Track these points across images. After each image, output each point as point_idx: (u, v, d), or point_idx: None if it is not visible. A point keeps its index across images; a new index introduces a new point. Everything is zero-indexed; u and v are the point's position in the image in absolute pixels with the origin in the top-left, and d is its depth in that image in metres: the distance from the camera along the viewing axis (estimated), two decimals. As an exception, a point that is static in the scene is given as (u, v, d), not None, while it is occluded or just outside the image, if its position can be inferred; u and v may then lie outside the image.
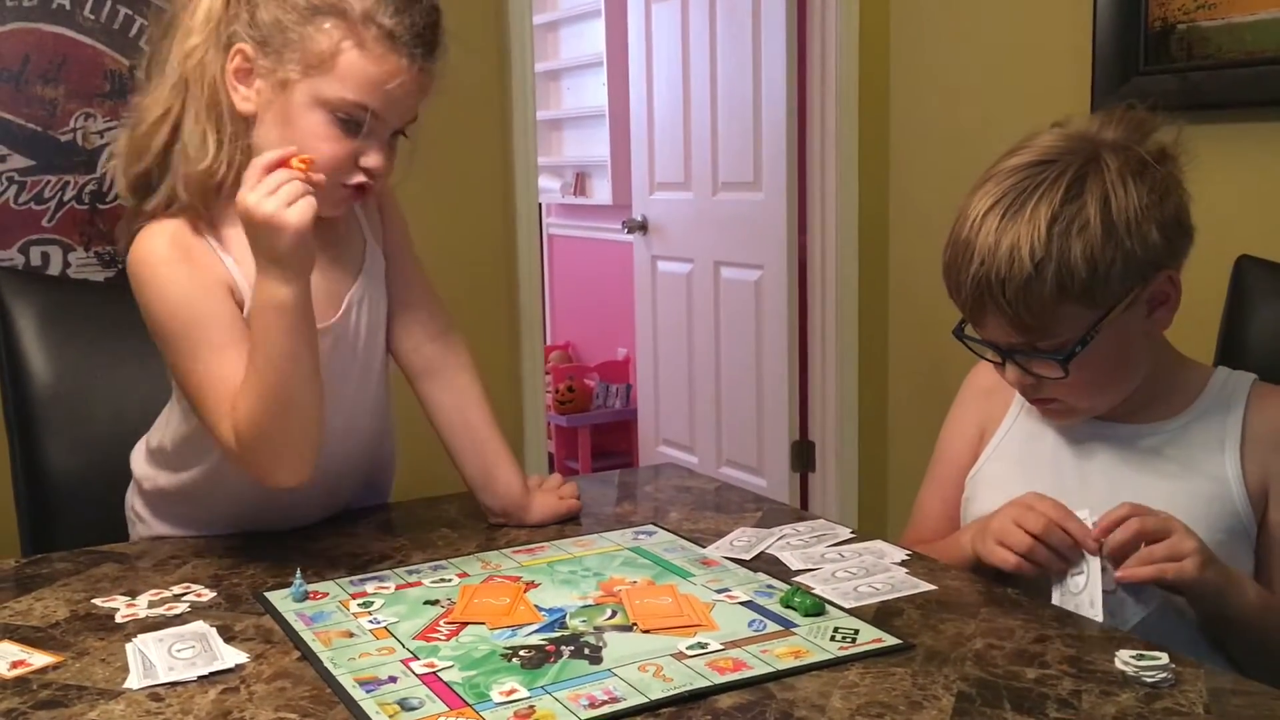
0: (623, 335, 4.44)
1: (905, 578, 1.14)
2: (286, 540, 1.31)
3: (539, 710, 0.87)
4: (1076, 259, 1.12)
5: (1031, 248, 1.12)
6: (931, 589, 1.12)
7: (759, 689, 0.91)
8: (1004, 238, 1.14)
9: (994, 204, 1.16)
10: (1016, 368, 1.21)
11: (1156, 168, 1.16)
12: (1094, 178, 1.14)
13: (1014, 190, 1.16)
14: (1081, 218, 1.13)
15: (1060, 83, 2.39)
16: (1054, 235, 1.12)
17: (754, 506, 1.42)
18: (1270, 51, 1.99)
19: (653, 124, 3.73)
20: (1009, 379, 1.23)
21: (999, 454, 1.33)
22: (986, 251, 1.15)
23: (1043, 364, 1.19)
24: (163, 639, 1.01)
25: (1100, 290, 1.14)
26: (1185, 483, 1.19)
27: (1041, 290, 1.13)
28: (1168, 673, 0.91)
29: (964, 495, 1.35)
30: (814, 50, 3.01)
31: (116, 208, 2.32)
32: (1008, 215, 1.15)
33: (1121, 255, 1.13)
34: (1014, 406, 1.34)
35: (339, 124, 1.17)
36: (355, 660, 0.97)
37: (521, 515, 1.35)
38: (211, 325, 1.18)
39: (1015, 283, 1.13)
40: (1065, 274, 1.12)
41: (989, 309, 1.17)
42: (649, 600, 1.09)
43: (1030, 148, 1.19)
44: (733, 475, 3.37)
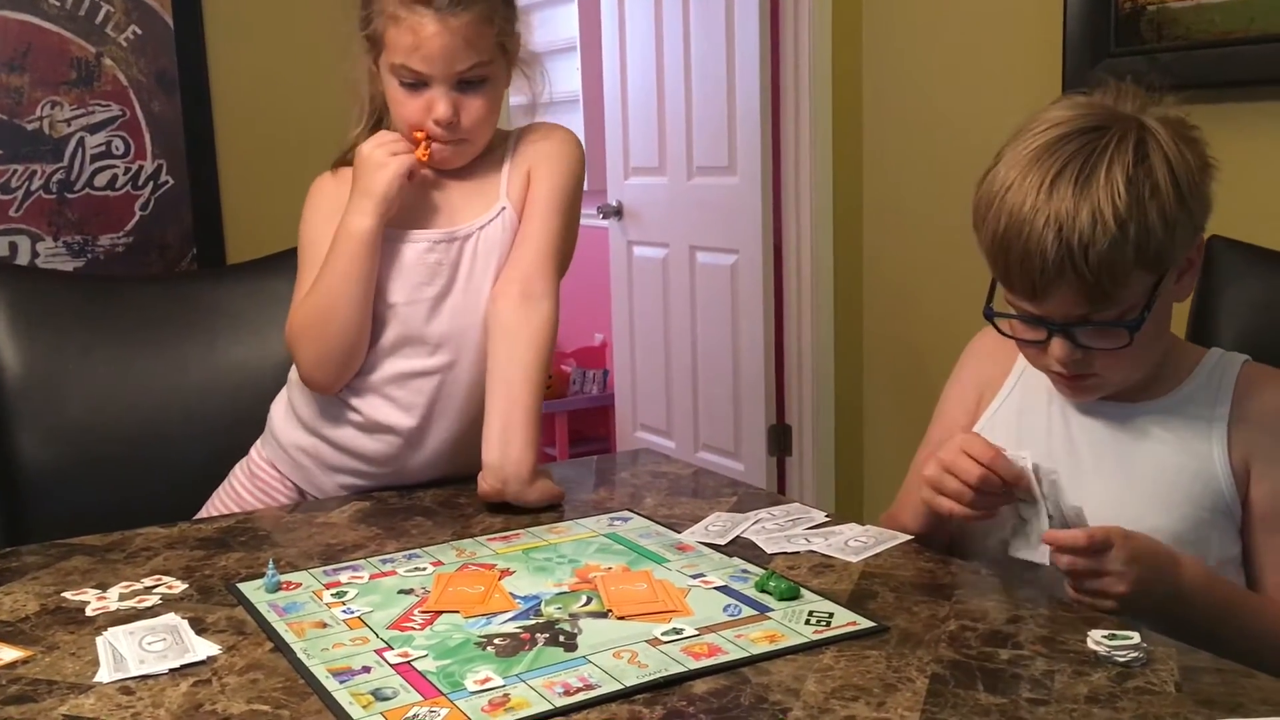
0: (599, 321, 4.43)
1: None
2: (259, 531, 1.30)
3: (513, 699, 0.87)
4: (1155, 220, 1.12)
5: (1115, 210, 1.11)
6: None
7: (734, 674, 0.91)
8: (1083, 203, 1.13)
9: (1059, 172, 1.15)
10: (1066, 344, 1.17)
11: (1195, 130, 1.19)
12: (1153, 142, 1.15)
13: (1078, 157, 1.15)
14: (1153, 179, 1.13)
15: (1031, 65, 2.40)
16: (1134, 197, 1.12)
17: (729, 491, 1.42)
18: (1239, 32, 2.00)
19: (627, 109, 3.72)
20: (1055, 357, 1.18)
21: (994, 422, 1.32)
22: (1065, 218, 1.13)
23: (1102, 335, 1.17)
24: (133, 632, 1.00)
25: (1167, 253, 1.15)
26: (1171, 459, 1.20)
27: (1124, 254, 1.12)
28: (1140, 652, 0.92)
29: None
30: (787, 34, 3.01)
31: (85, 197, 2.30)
32: (1080, 182, 1.14)
33: (1187, 217, 1.15)
34: (1012, 376, 1.33)
35: (405, 87, 1.38)
36: (328, 651, 0.96)
37: (520, 491, 1.33)
38: (321, 247, 1.41)
39: (1099, 247, 1.11)
40: (1144, 236, 1.12)
41: (1066, 278, 1.14)
42: (624, 586, 1.09)
43: (1063, 121, 1.18)
44: (710, 460, 3.37)
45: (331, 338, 1.39)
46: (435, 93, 1.37)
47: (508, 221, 1.44)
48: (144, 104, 2.36)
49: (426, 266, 1.42)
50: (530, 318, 1.39)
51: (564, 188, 1.46)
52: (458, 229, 1.43)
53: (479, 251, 1.43)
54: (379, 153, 1.38)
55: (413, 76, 1.37)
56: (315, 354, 1.40)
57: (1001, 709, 0.85)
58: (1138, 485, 1.19)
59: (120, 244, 2.36)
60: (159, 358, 1.69)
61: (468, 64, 1.37)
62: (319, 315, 1.39)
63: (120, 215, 2.36)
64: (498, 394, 1.36)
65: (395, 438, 1.43)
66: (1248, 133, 2.03)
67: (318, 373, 1.41)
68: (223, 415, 1.56)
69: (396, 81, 1.38)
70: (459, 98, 1.38)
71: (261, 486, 1.49)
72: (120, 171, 2.35)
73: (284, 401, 1.51)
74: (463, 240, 1.43)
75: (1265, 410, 1.19)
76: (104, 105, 2.32)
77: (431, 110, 1.38)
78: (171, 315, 1.75)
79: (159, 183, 2.38)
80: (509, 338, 1.38)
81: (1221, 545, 1.18)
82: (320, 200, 1.47)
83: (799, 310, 3.10)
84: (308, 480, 1.47)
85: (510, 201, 1.45)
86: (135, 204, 2.37)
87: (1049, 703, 0.85)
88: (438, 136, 1.39)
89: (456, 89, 1.38)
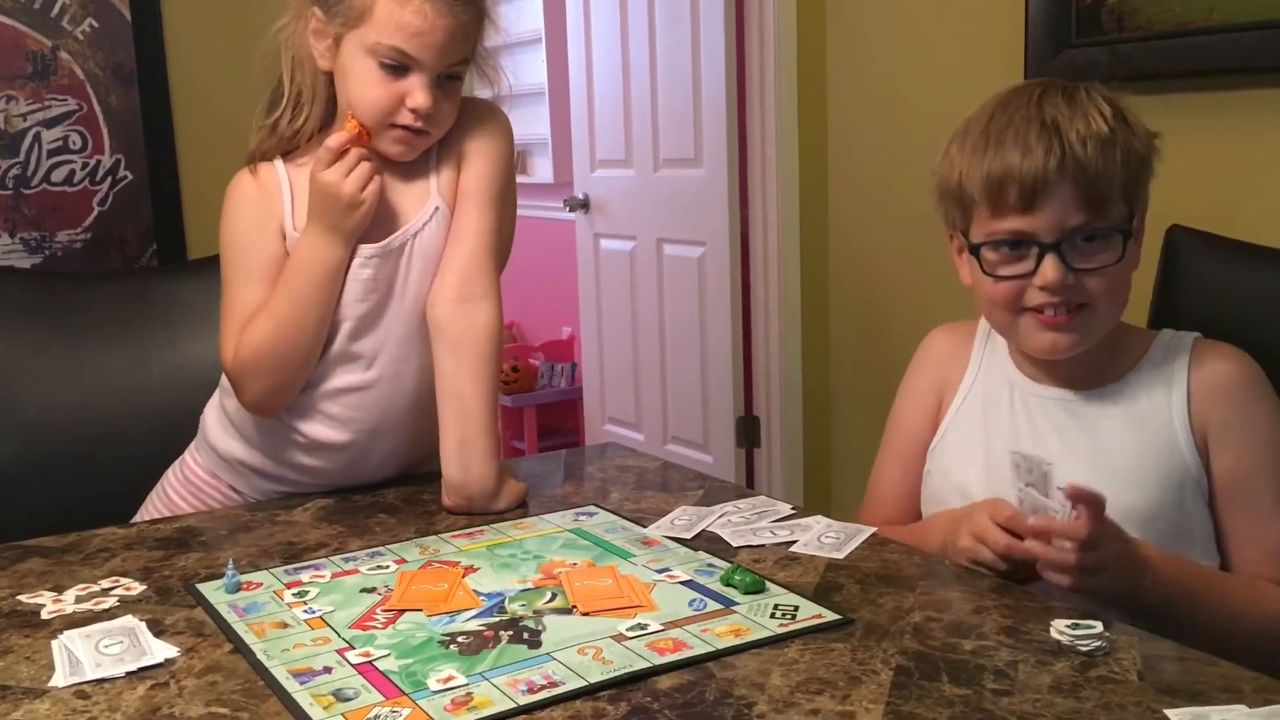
0: (567, 314, 4.42)
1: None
2: (219, 530, 1.28)
3: (476, 697, 0.86)
4: (1135, 143, 1.19)
5: (1104, 120, 1.17)
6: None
7: (699, 669, 0.91)
8: (1075, 112, 1.18)
9: (1043, 93, 1.21)
10: (1059, 264, 1.17)
11: None
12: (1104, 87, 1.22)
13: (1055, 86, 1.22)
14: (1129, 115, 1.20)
15: (994, 56, 2.40)
16: (1117, 117, 1.18)
17: (696, 485, 1.41)
18: (1199, 22, 2.01)
19: (593, 101, 3.70)
20: (1047, 279, 1.17)
21: (957, 422, 1.33)
22: (1062, 121, 1.17)
23: (1093, 253, 1.18)
24: (90, 635, 0.98)
25: (1142, 183, 1.20)
26: (1135, 439, 1.21)
27: (1114, 161, 1.16)
28: (1102, 641, 0.92)
29: (925, 468, 1.35)
30: (752, 26, 3.00)
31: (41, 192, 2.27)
32: (1065, 98, 1.20)
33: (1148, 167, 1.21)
34: (969, 373, 1.34)
35: (384, 69, 1.30)
36: (289, 651, 0.95)
37: (487, 504, 1.31)
38: (255, 257, 1.35)
39: (1098, 140, 1.16)
40: (1128, 152, 1.18)
41: (1064, 180, 1.16)
42: (589, 582, 1.08)
43: None
44: (679, 452, 3.37)
45: (289, 369, 1.33)
46: (416, 81, 1.30)
47: (443, 221, 1.37)
48: (101, 98, 2.32)
49: (360, 282, 1.34)
50: (474, 322, 1.33)
51: (495, 177, 1.39)
52: (392, 240, 1.35)
53: (414, 258, 1.36)
54: (350, 189, 1.29)
55: (400, 59, 1.29)
56: (270, 386, 1.33)
57: (965, 700, 0.85)
58: (1106, 468, 1.20)
59: (78, 240, 2.33)
60: (118, 355, 1.67)
61: (457, 58, 1.33)
62: (277, 347, 1.32)
63: (78, 211, 2.33)
64: (450, 408, 1.31)
65: (336, 454, 1.39)
66: (1209, 122, 2.04)
67: (270, 402, 1.35)
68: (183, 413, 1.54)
69: (374, 63, 1.29)
70: (437, 91, 1.32)
71: (197, 494, 1.45)
72: (78, 166, 2.32)
73: (217, 408, 1.45)
74: (398, 251, 1.35)
75: (1218, 382, 1.21)
76: (60, 99, 2.29)
77: (408, 98, 1.30)
78: (130, 312, 1.72)
79: (117, 178, 2.35)
80: (454, 347, 1.33)
81: (1194, 522, 1.19)
82: (244, 206, 1.38)
83: (766, 302, 3.10)
84: (249, 486, 1.43)
85: (443, 199, 1.38)
86: (93, 199, 2.34)
87: (1012, 693, 0.85)
88: (407, 125, 1.32)
89: (436, 82, 1.32)
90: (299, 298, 1.32)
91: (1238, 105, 2.01)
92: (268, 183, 1.38)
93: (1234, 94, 2.01)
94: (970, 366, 1.34)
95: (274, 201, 1.37)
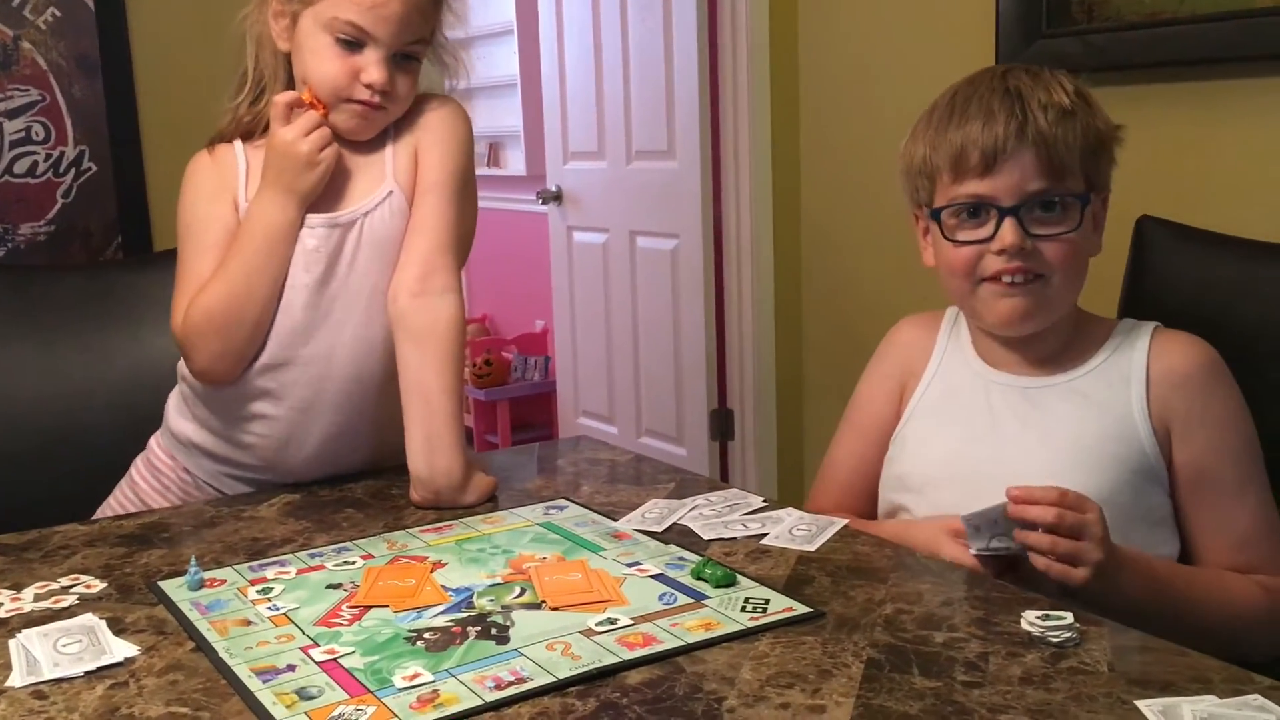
0: (540, 307, 4.40)
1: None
2: (182, 526, 1.26)
3: (443, 694, 0.85)
4: (1094, 121, 1.22)
5: (1064, 94, 1.21)
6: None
7: (669, 663, 0.90)
8: (1036, 83, 1.21)
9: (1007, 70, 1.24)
10: (1017, 227, 1.19)
11: None
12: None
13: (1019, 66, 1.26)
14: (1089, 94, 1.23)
15: (965, 46, 2.40)
16: (1078, 94, 1.22)
17: (668, 478, 1.40)
18: (1169, 13, 2.01)
19: (565, 93, 3.68)
20: (1004, 243, 1.19)
21: (920, 410, 1.34)
22: (1025, 88, 1.21)
23: (1051, 220, 1.21)
24: (48, 634, 0.96)
25: (1103, 161, 1.23)
26: (1093, 424, 1.22)
27: (1074, 131, 1.19)
28: (1072, 632, 0.92)
29: (887, 455, 1.35)
30: (724, 17, 2.99)
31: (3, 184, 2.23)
32: (1028, 74, 1.23)
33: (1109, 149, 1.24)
34: (933, 361, 1.35)
35: (340, 44, 1.32)
36: (252, 649, 0.93)
37: (454, 498, 1.29)
38: (207, 229, 1.36)
39: (1058, 109, 1.19)
40: (1088, 126, 1.21)
41: (1024, 146, 1.19)
42: (558, 577, 1.07)
43: None
44: (653, 446, 3.36)
45: (240, 333, 1.32)
46: (372, 57, 1.31)
47: (396, 206, 1.37)
48: (64, 88, 2.29)
49: (305, 253, 1.34)
50: (437, 316, 1.32)
51: (455, 170, 1.39)
52: (340, 214, 1.35)
53: (363, 238, 1.35)
54: (308, 147, 1.31)
55: (356, 34, 1.31)
56: (218, 349, 1.33)
57: (936, 692, 0.84)
58: (1061, 451, 1.21)
59: (42, 233, 2.30)
60: (81, 349, 1.65)
61: (413, 36, 1.34)
62: (228, 309, 1.31)
63: (41, 203, 2.29)
64: (415, 403, 1.30)
65: (268, 429, 1.37)
66: (1179, 113, 2.05)
67: (218, 366, 1.34)
68: (147, 408, 1.51)
69: (330, 38, 1.31)
70: (392, 67, 1.33)
71: (158, 476, 1.44)
72: (40, 158, 2.28)
73: (176, 389, 1.46)
74: (345, 228, 1.35)
75: (1178, 371, 1.22)
76: (23, 90, 2.25)
77: (363, 74, 1.31)
78: (94, 305, 1.70)
79: (81, 169, 2.32)
80: (417, 341, 1.31)
81: (1150, 507, 1.20)
82: (199, 180, 1.39)
83: (739, 295, 3.09)
84: (199, 467, 1.42)
85: (398, 184, 1.37)
86: (57, 191, 2.30)
87: (983, 685, 0.85)
88: (364, 101, 1.33)
89: (392, 59, 1.33)
90: (249, 259, 1.32)
91: (1208, 96, 2.01)
92: (224, 160, 1.39)
93: (1204, 84, 2.01)
94: (934, 355, 1.34)
95: (229, 176, 1.38)
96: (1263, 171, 1.93)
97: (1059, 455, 1.20)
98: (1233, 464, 1.20)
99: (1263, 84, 1.92)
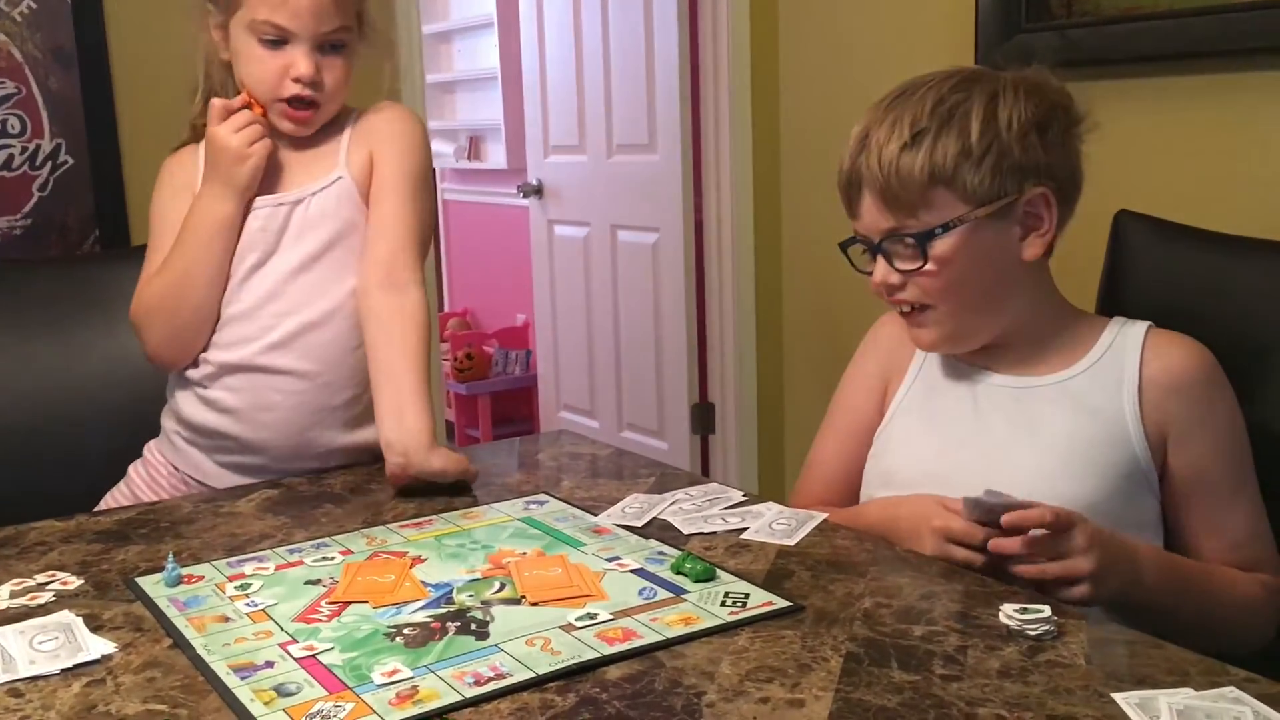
0: (521, 301, 4.39)
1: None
2: (160, 522, 1.26)
3: (422, 690, 0.85)
4: (951, 139, 1.16)
5: (913, 120, 1.17)
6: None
7: (648, 658, 0.90)
8: (888, 114, 1.19)
9: (885, 96, 1.23)
10: (882, 263, 1.21)
11: (1052, 91, 1.21)
12: (988, 80, 1.20)
13: (904, 87, 1.22)
14: (965, 105, 1.18)
15: (945, 41, 2.41)
16: (936, 114, 1.17)
17: (648, 472, 1.40)
18: (1147, 7, 2.02)
19: (546, 86, 3.67)
20: (876, 277, 1.23)
21: (904, 408, 1.33)
22: (872, 125, 1.20)
23: (906, 250, 1.20)
24: (23, 631, 0.96)
25: (970, 179, 1.17)
26: (1083, 429, 1.20)
27: (913, 162, 1.16)
28: (1050, 625, 0.92)
29: (870, 451, 1.35)
30: (705, 10, 2.99)
31: (-22, 178, 2.21)
32: (896, 101, 1.21)
33: (998, 149, 1.17)
34: (916, 360, 1.34)
35: (264, 44, 1.37)
36: (230, 646, 0.93)
37: (424, 459, 1.30)
38: (166, 222, 1.43)
39: (891, 152, 1.17)
40: (939, 151, 1.16)
41: (865, 186, 1.20)
42: (538, 572, 1.07)
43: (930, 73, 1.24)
44: (634, 440, 3.36)
45: (182, 318, 1.40)
46: (296, 52, 1.37)
47: (344, 191, 1.42)
48: (40, 80, 2.27)
49: (250, 233, 1.40)
50: (403, 305, 1.38)
51: (412, 172, 1.44)
52: (286, 195, 1.42)
53: (307, 217, 1.41)
54: (238, 141, 1.37)
55: (275, 33, 1.36)
56: (164, 334, 1.41)
57: (914, 686, 0.84)
58: (1049, 455, 1.20)
59: (18, 226, 2.28)
60: (57, 343, 1.64)
61: (332, 25, 1.37)
62: (170, 295, 1.39)
63: (17, 197, 2.27)
64: (382, 377, 1.36)
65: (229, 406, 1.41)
66: (1156, 107, 2.06)
67: (164, 351, 1.42)
68: (125, 402, 1.51)
69: (255, 39, 1.37)
70: (320, 59, 1.38)
71: (152, 474, 1.47)
72: (16, 151, 2.26)
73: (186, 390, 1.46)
74: (291, 205, 1.42)
75: (1174, 376, 1.20)
76: (-2, 82, 2.23)
77: (291, 70, 1.37)
78: (71, 299, 1.69)
79: (58, 162, 2.30)
80: (383, 326, 1.37)
81: (1139, 512, 1.19)
82: (168, 179, 1.47)
83: (720, 288, 3.09)
84: (177, 455, 1.46)
85: (349, 173, 1.43)
86: (33, 185, 2.28)
87: (961, 679, 0.85)
88: (298, 96, 1.38)
89: (318, 50, 1.38)
90: (189, 249, 1.38)
91: (1186, 90, 2.02)
92: (186, 162, 1.46)
93: (1182, 79, 2.02)
94: (919, 352, 1.33)
95: (189, 176, 1.44)
96: (1241, 166, 1.94)
97: (1047, 459, 1.19)
98: (1227, 468, 1.19)
99: (1241, 79, 1.93)
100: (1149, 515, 1.20)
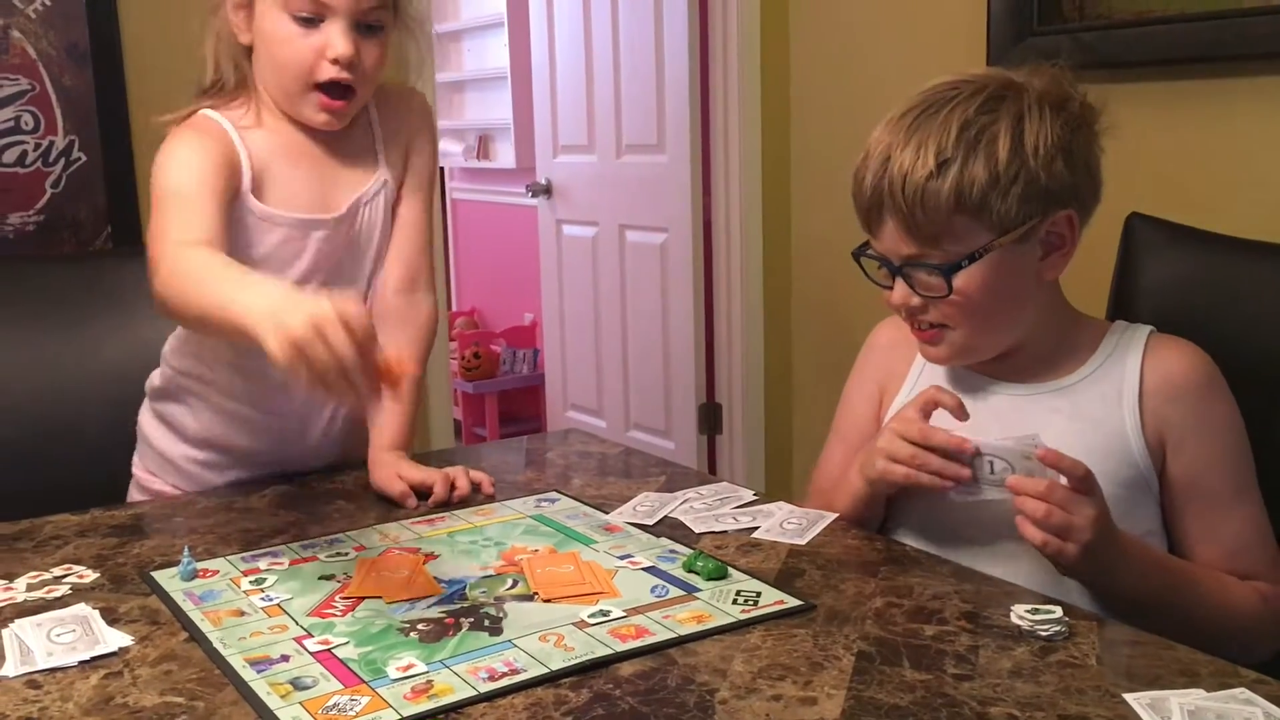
0: (529, 300, 4.40)
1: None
2: (175, 516, 1.26)
3: (437, 685, 0.86)
4: (979, 167, 1.13)
5: (939, 147, 1.13)
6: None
7: (661, 655, 0.90)
8: (913, 137, 1.15)
9: (906, 111, 1.18)
10: (903, 285, 1.19)
11: (1076, 104, 1.18)
12: (1013, 99, 1.16)
13: (928, 101, 1.17)
14: (992, 130, 1.14)
15: (957, 43, 2.41)
16: (962, 140, 1.13)
17: (658, 471, 1.41)
18: (1159, 10, 2.03)
19: (555, 86, 3.68)
20: (895, 299, 1.21)
21: None
22: (895, 149, 1.16)
23: (930, 279, 1.18)
24: (41, 624, 0.96)
25: (997, 207, 1.14)
26: (1083, 437, 1.19)
27: (939, 192, 1.13)
28: (1062, 626, 0.92)
29: None
30: (715, 10, 2.99)
31: (-11, 173, 2.22)
32: (920, 120, 1.16)
33: (1025, 177, 1.14)
34: (914, 367, 1.33)
35: (298, 23, 1.28)
36: (246, 640, 0.94)
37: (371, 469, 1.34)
38: (184, 193, 1.25)
39: (915, 180, 1.13)
40: (965, 180, 1.13)
41: (886, 210, 1.17)
42: (550, 569, 1.07)
43: (946, 82, 1.20)
44: (641, 439, 3.36)
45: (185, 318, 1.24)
46: (334, 30, 1.27)
47: (388, 196, 1.41)
48: (54, 78, 2.27)
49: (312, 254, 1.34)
50: (419, 312, 1.41)
51: (435, 170, 1.45)
52: (343, 210, 1.36)
53: (362, 231, 1.39)
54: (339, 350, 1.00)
55: (312, 9, 1.26)
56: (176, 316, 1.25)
57: (926, 685, 0.85)
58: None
59: (31, 223, 2.28)
60: (70, 339, 1.64)
61: (372, 3, 1.29)
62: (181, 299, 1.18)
63: (30, 193, 2.28)
64: None
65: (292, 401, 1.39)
66: (1168, 110, 2.06)
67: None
68: (136, 399, 1.51)
69: (288, 16, 1.27)
70: (357, 38, 1.29)
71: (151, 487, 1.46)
72: (30, 148, 2.27)
73: (149, 413, 1.46)
74: (350, 218, 1.37)
75: (1174, 382, 1.19)
76: (12, 79, 2.24)
77: (328, 49, 1.27)
78: (83, 295, 1.69)
79: (71, 159, 2.30)
80: (391, 333, 1.35)
81: (1140, 520, 1.19)
82: (182, 151, 1.29)
83: (728, 289, 3.10)
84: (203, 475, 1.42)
85: (391, 175, 1.40)
86: (46, 181, 2.29)
87: (973, 678, 0.86)
88: (334, 80, 1.29)
89: (355, 29, 1.29)
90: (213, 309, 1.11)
91: (1198, 94, 2.02)
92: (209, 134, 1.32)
93: (1194, 83, 2.02)
94: (917, 358, 1.33)
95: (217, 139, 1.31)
96: (1253, 169, 1.94)
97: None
98: (1228, 474, 1.18)
99: (1253, 83, 1.94)
100: (1149, 523, 1.20)
